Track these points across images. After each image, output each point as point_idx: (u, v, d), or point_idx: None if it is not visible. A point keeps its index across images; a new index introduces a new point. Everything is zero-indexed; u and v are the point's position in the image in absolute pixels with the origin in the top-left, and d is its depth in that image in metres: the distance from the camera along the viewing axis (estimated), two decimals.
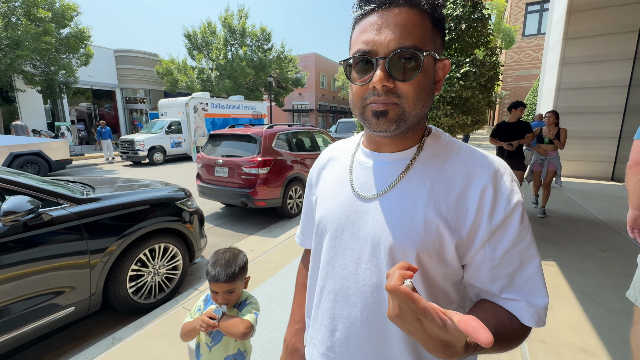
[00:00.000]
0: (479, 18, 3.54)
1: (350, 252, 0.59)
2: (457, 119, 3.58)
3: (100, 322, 2.40)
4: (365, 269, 0.56)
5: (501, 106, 18.99)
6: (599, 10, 6.44)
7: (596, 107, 6.75)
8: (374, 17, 0.51)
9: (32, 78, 11.13)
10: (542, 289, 0.51)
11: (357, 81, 0.53)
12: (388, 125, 0.52)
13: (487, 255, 0.52)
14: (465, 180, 0.53)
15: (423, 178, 0.55)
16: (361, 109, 0.54)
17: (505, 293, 0.52)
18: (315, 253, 0.69)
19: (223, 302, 1.13)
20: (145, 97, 20.59)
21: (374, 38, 0.50)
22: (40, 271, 1.81)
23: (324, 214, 0.65)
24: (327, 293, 0.63)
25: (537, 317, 0.50)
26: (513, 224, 0.51)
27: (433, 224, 0.52)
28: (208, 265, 1.15)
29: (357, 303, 0.57)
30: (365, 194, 0.59)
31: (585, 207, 4.69)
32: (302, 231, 0.84)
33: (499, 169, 0.54)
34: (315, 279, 0.69)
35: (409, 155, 0.58)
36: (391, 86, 0.50)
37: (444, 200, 0.52)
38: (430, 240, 0.52)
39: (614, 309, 2.20)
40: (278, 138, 4.82)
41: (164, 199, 2.67)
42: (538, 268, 0.52)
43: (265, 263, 3.10)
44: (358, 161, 0.64)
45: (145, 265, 2.46)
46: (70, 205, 2.06)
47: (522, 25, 17.36)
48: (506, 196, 0.51)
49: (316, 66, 30.67)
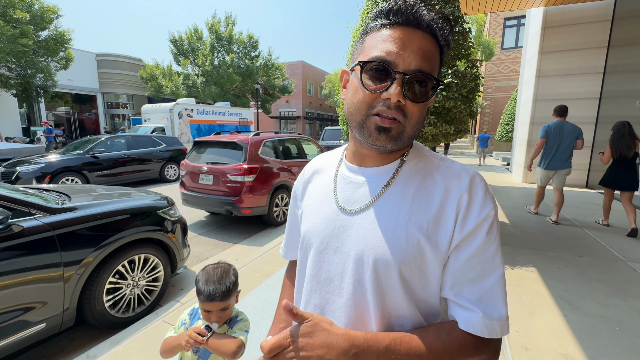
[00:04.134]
0: (460, 32, 3.67)
1: (335, 266, 0.59)
2: (441, 128, 3.67)
3: (74, 339, 2.27)
4: (348, 283, 0.56)
5: (482, 116, 19.63)
6: (572, 27, 6.81)
7: (571, 118, 7.01)
8: (399, 31, 0.51)
9: (6, 81, 10.71)
10: (500, 301, 0.51)
11: (370, 87, 0.52)
12: (387, 142, 0.53)
13: (451, 259, 0.53)
14: (444, 193, 0.54)
15: (404, 192, 0.56)
16: (364, 117, 0.53)
17: (461, 299, 0.52)
18: (301, 267, 0.69)
19: (216, 320, 1.08)
20: (128, 102, 20.14)
21: (398, 51, 0.50)
22: (8, 286, 1.70)
23: (309, 228, 0.65)
24: (312, 307, 0.62)
25: (490, 329, 0.50)
26: (481, 233, 0.52)
27: (414, 238, 0.52)
28: (199, 283, 1.10)
29: (342, 317, 0.57)
30: (349, 207, 0.59)
31: (562, 213, 4.86)
32: (286, 244, 0.84)
33: (474, 179, 0.55)
34: (300, 293, 0.68)
35: (391, 169, 0.59)
36: (403, 103, 0.51)
37: (425, 214, 0.53)
38: (412, 254, 0.52)
39: (591, 314, 2.27)
40: (264, 145, 4.79)
41: (145, 208, 2.59)
42: (499, 280, 0.52)
43: (251, 273, 3.04)
44: (342, 175, 0.65)
45: (124, 277, 2.36)
46: (43, 216, 1.96)
47: (500, 38, 18.13)
48: (479, 206, 0.53)
49: (303, 74, 30.91)
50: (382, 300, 0.54)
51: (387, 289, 0.53)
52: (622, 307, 2.35)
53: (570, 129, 4.17)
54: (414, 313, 0.54)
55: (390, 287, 0.53)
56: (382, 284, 0.53)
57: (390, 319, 0.54)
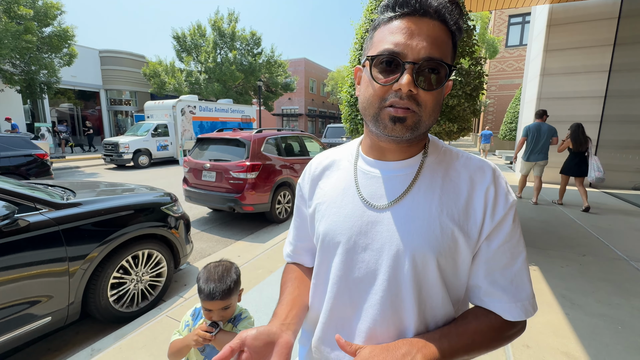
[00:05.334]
0: (464, 29, 3.65)
1: (366, 264, 0.57)
2: (444, 126, 3.66)
3: (79, 333, 2.30)
4: (383, 280, 0.56)
5: (485, 114, 19.51)
6: (577, 24, 6.74)
7: (575, 117, 7.01)
8: (406, 22, 0.51)
9: (11, 77, 10.75)
10: (526, 282, 0.56)
11: (380, 80, 0.52)
12: (404, 132, 0.52)
13: (483, 249, 0.56)
14: (470, 184, 0.56)
15: (432, 185, 0.57)
16: (377, 109, 0.53)
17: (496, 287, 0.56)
18: (322, 268, 0.65)
19: (218, 319, 1.08)
20: (131, 99, 20.18)
21: (406, 42, 0.50)
22: (14, 279, 1.73)
23: (330, 227, 0.62)
24: (340, 308, 0.60)
25: (524, 310, 0.55)
26: (508, 221, 0.55)
27: (448, 229, 0.54)
28: (200, 282, 1.09)
29: (376, 315, 0.56)
30: (376, 203, 0.58)
31: (565, 212, 4.85)
32: (294, 247, 0.77)
33: (496, 171, 0.58)
34: (321, 296, 0.65)
35: (416, 163, 0.59)
36: (415, 92, 0.50)
37: (455, 205, 0.55)
38: (447, 245, 0.54)
39: (593, 313, 2.27)
40: (267, 142, 4.80)
41: (149, 204, 2.60)
42: (524, 261, 0.57)
43: (253, 269, 3.05)
44: (362, 170, 0.63)
45: (127, 272, 2.38)
46: (48, 211, 1.98)
47: (505, 36, 17.97)
48: (504, 196, 0.56)
49: (306, 71, 30.83)
50: (419, 293, 0.55)
51: (424, 281, 0.55)
52: (624, 306, 2.35)
53: (547, 128, 5.15)
54: (446, 301, 0.57)
55: (427, 279, 0.55)
56: (419, 277, 0.54)
57: (425, 309, 0.56)
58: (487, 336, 0.54)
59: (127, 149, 10.86)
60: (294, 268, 0.77)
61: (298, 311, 0.65)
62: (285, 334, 0.56)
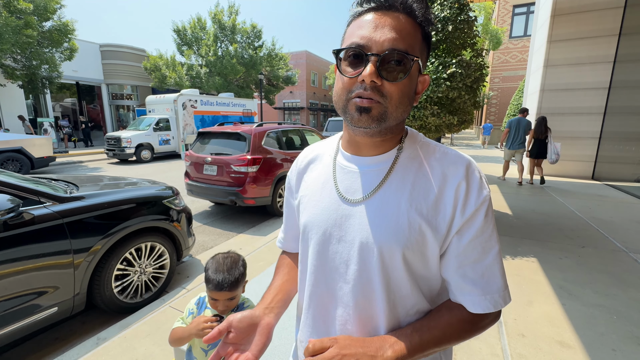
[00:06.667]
0: (465, 20, 3.60)
1: (339, 255, 0.61)
2: (444, 119, 3.64)
3: (85, 323, 2.36)
4: (354, 270, 0.59)
5: (488, 106, 19.32)
6: (582, 14, 6.63)
7: (578, 108, 6.96)
8: (372, 15, 0.53)
9: (12, 72, 10.77)
10: (498, 275, 0.57)
11: (347, 74, 0.54)
12: (369, 122, 0.53)
13: (454, 243, 0.56)
14: (442, 180, 0.56)
15: (404, 181, 0.58)
16: (345, 102, 0.55)
17: (467, 280, 0.56)
18: (303, 257, 0.69)
19: (224, 309, 1.11)
20: (132, 93, 20.16)
21: (370, 35, 0.52)
22: (21, 271, 1.77)
23: (309, 219, 0.65)
24: (318, 296, 0.64)
25: (494, 302, 0.56)
26: (480, 216, 0.55)
27: (416, 224, 0.55)
28: (208, 272, 1.12)
29: (349, 302, 0.60)
30: (351, 197, 0.61)
31: (566, 204, 4.84)
32: (284, 235, 0.84)
33: (470, 166, 0.58)
34: (304, 283, 0.69)
35: (390, 158, 0.60)
36: (379, 83, 0.51)
37: (425, 200, 0.56)
38: (414, 239, 0.55)
39: (589, 303, 2.30)
40: (268, 136, 4.81)
41: (151, 198, 2.64)
42: (496, 256, 0.57)
43: (254, 261, 3.10)
44: (340, 165, 0.65)
45: (131, 264, 2.43)
46: (52, 204, 2.02)
47: (509, 26, 17.69)
48: (477, 191, 0.56)
49: (307, 64, 30.59)
50: (387, 283, 0.57)
51: (392, 272, 0.57)
52: (620, 297, 2.37)
53: (525, 123, 6.27)
54: (416, 291, 0.59)
55: (395, 270, 0.57)
56: (387, 268, 0.56)
57: (394, 298, 0.58)
58: (459, 328, 0.57)
59: (130, 143, 10.92)
60: (286, 256, 0.83)
61: (283, 296, 0.73)
62: (267, 317, 0.66)
